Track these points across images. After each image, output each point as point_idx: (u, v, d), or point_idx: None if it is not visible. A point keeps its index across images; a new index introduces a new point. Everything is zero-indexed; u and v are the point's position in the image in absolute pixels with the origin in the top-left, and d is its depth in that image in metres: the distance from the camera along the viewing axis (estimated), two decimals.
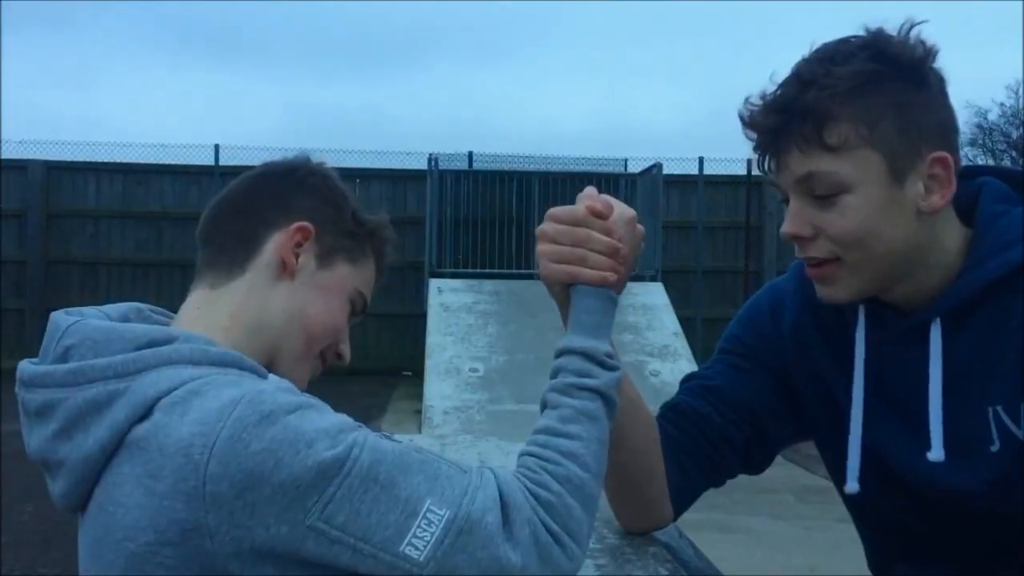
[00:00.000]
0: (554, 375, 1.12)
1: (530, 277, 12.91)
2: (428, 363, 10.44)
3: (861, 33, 1.18)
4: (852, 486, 1.25)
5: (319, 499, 0.91)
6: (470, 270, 12.94)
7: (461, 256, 13.42)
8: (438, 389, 9.96)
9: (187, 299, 1.15)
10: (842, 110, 1.14)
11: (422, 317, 11.86)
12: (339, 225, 1.18)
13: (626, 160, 14.85)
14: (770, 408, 1.36)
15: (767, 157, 1.21)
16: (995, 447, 1.16)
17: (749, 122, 1.20)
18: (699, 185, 14.80)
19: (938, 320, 1.20)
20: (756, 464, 1.40)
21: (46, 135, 15.56)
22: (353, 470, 0.93)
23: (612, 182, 14.03)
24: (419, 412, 9.84)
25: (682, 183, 14.81)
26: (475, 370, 10.33)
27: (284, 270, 1.14)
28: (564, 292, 1.18)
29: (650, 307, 11.64)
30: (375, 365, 13.71)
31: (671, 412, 1.38)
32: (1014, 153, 27.89)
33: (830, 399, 1.31)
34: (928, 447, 1.19)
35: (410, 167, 14.66)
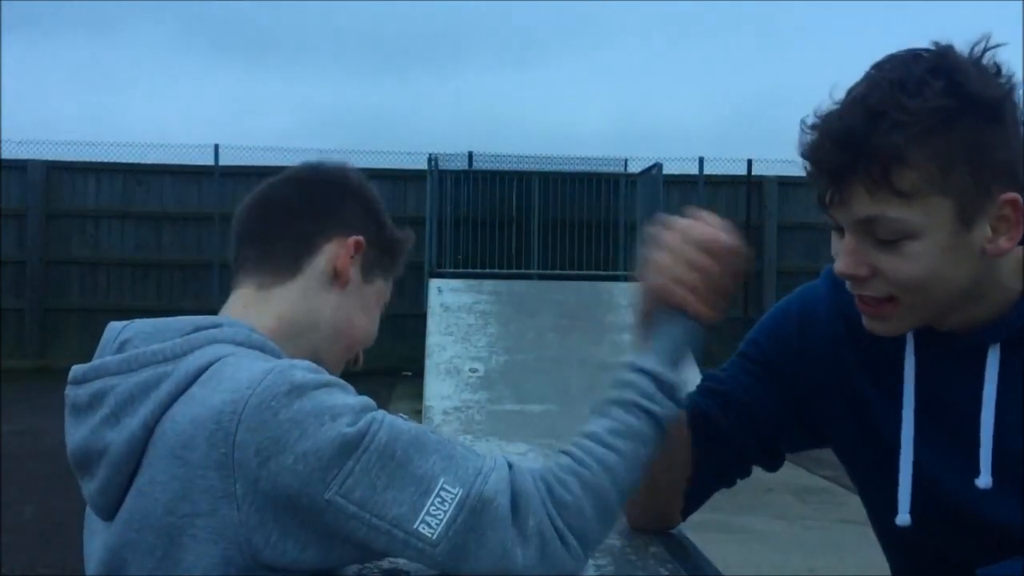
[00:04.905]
0: (619, 387, 1.10)
1: (530, 277, 12.93)
2: (428, 363, 10.44)
3: (929, 48, 1.09)
4: (904, 519, 1.19)
5: (339, 473, 0.94)
6: (470, 270, 12.94)
7: (461, 256, 13.42)
8: (438, 389, 9.96)
9: (231, 298, 1.18)
10: (915, 153, 1.05)
11: (422, 317, 11.85)
12: (380, 241, 1.22)
13: (626, 160, 14.84)
14: (776, 417, 1.32)
15: (825, 191, 1.12)
16: None
17: (811, 156, 1.11)
18: (699, 185, 14.80)
19: (997, 345, 1.15)
20: (767, 463, 1.38)
21: (46, 135, 15.54)
22: (371, 446, 0.95)
23: (612, 182, 14.04)
24: (419, 412, 9.84)
25: (682, 183, 14.80)
26: (475, 370, 10.32)
27: (337, 280, 1.17)
28: (657, 306, 1.14)
29: None
30: (375, 365, 13.65)
31: (697, 416, 1.33)
32: None
33: (866, 420, 1.25)
34: (977, 473, 1.15)
35: (410, 167, 14.66)
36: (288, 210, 1.18)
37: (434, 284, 12.01)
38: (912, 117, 1.05)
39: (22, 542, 5.44)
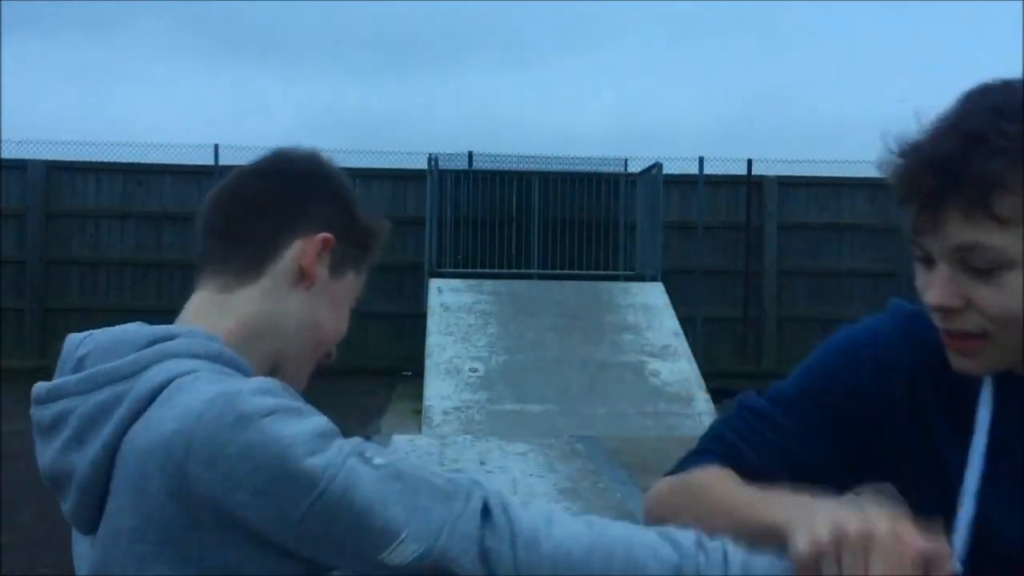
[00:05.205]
0: (695, 550, 0.96)
1: (530, 277, 12.94)
2: (428, 363, 10.44)
3: (1020, 78, 1.07)
4: (955, 567, 1.10)
5: (295, 511, 0.92)
6: (470, 270, 12.95)
7: (461, 256, 13.43)
8: (438, 389, 9.96)
9: (192, 299, 1.14)
10: (1015, 178, 1.01)
11: (422, 317, 11.85)
12: (351, 235, 1.17)
13: (626, 160, 14.86)
14: (830, 461, 1.23)
15: (918, 218, 1.07)
16: None
17: (903, 182, 1.07)
18: (699, 185, 14.81)
19: None
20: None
21: (46, 135, 15.54)
22: (326, 493, 0.91)
23: (612, 182, 14.05)
24: (419, 412, 9.84)
25: (682, 183, 14.81)
26: (475, 370, 10.33)
27: (303, 280, 1.13)
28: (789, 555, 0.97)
29: (650, 307, 11.64)
30: (375, 365, 13.70)
31: (730, 461, 1.20)
32: None
33: (933, 454, 1.19)
34: None
35: (410, 167, 14.67)
36: (254, 207, 1.13)
37: (434, 284, 12.01)
38: (1013, 142, 1.02)
39: (22, 542, 5.44)
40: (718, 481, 1.14)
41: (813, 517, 0.94)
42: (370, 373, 13.46)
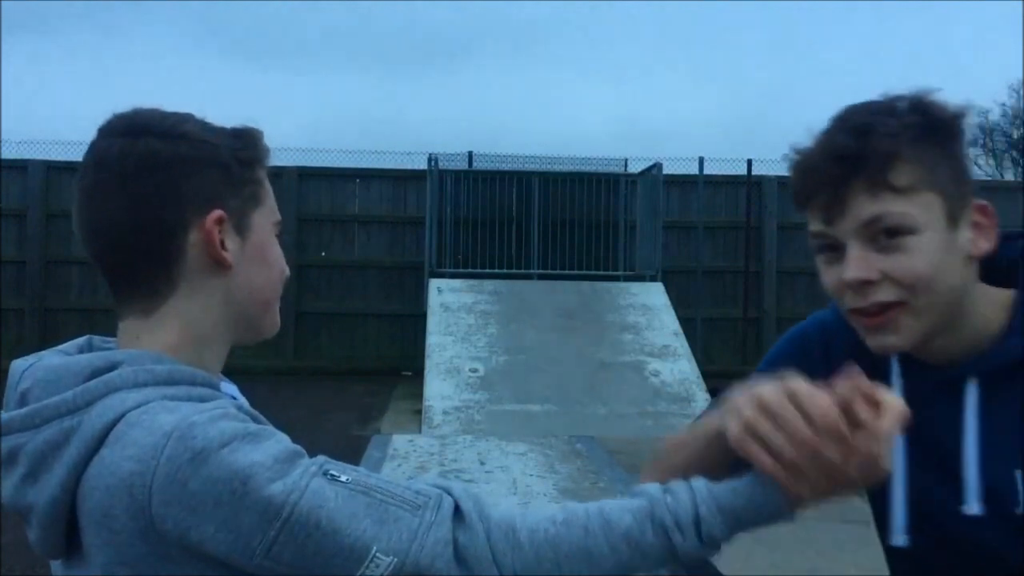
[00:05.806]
0: (666, 492, 0.99)
1: (530, 277, 12.94)
2: (428, 363, 10.44)
3: (887, 96, 1.20)
4: (899, 539, 1.24)
5: (262, 540, 0.91)
6: (470, 270, 12.95)
7: (461, 256, 13.43)
8: (438, 389, 9.96)
9: (120, 330, 1.07)
10: (908, 152, 1.15)
11: (422, 317, 11.86)
12: (233, 183, 1.07)
13: (626, 160, 14.87)
14: None
15: (824, 206, 1.20)
16: (1020, 509, 1.18)
17: (806, 176, 1.20)
18: (699, 185, 14.81)
19: (975, 379, 1.21)
20: None
21: (46, 135, 15.56)
22: (292, 517, 0.91)
23: (612, 182, 14.05)
24: (419, 412, 9.84)
25: (682, 183, 14.81)
26: (475, 370, 10.33)
27: (219, 265, 1.05)
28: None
29: (650, 307, 11.64)
30: (375, 365, 13.70)
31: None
32: (1015, 153, 27.88)
33: None
34: (964, 500, 1.20)
35: (410, 167, 14.67)
36: (129, 223, 1.05)
37: (434, 284, 12.02)
38: (895, 128, 1.15)
39: (22, 542, 5.43)
40: (688, 435, 1.23)
41: (741, 402, 1.02)
42: (370, 373, 13.46)
